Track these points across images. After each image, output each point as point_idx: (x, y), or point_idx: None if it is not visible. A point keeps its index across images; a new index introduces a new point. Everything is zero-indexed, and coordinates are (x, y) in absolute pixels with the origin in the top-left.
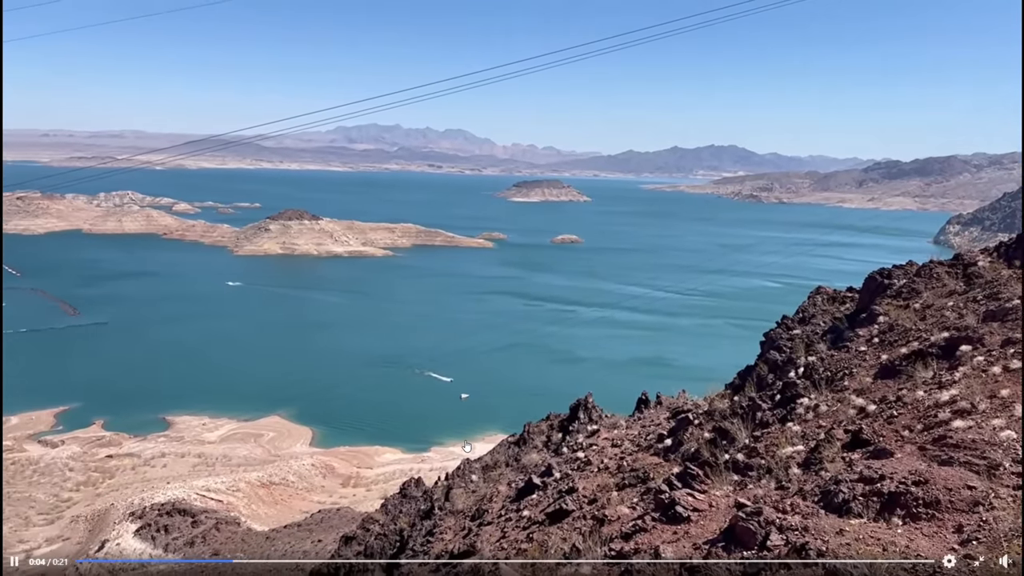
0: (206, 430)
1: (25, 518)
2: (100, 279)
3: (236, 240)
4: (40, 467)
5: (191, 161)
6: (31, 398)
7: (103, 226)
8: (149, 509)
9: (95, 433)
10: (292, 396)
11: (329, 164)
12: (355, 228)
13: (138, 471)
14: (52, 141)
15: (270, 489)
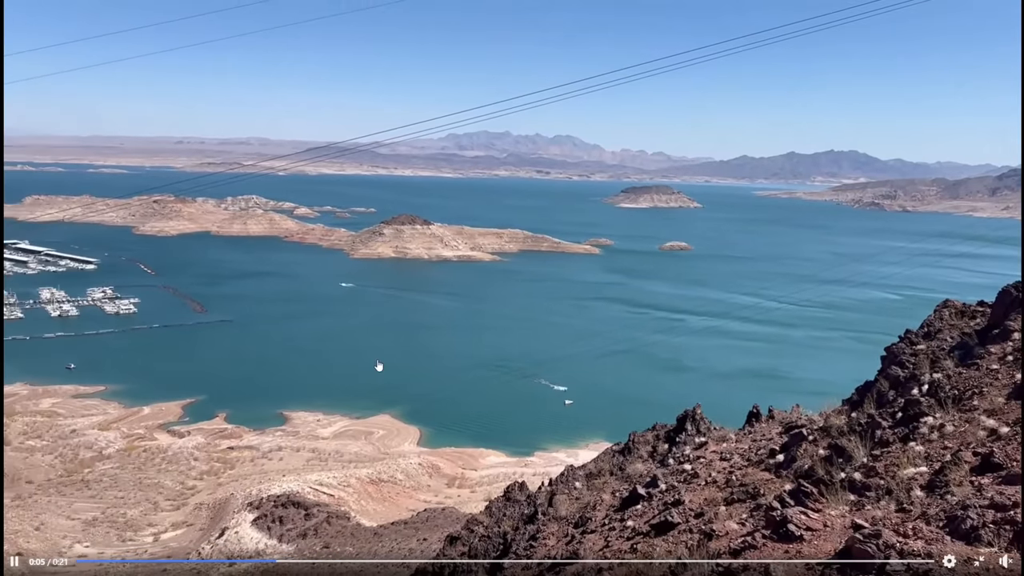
0: (320, 426)
1: (154, 503)
2: (225, 278)
3: (352, 243)
4: (168, 455)
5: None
6: (162, 390)
7: (230, 228)
8: (266, 500)
9: (218, 425)
10: (401, 396)
11: (440, 170)
12: (464, 233)
13: (256, 463)
14: (185, 147)
15: (379, 486)
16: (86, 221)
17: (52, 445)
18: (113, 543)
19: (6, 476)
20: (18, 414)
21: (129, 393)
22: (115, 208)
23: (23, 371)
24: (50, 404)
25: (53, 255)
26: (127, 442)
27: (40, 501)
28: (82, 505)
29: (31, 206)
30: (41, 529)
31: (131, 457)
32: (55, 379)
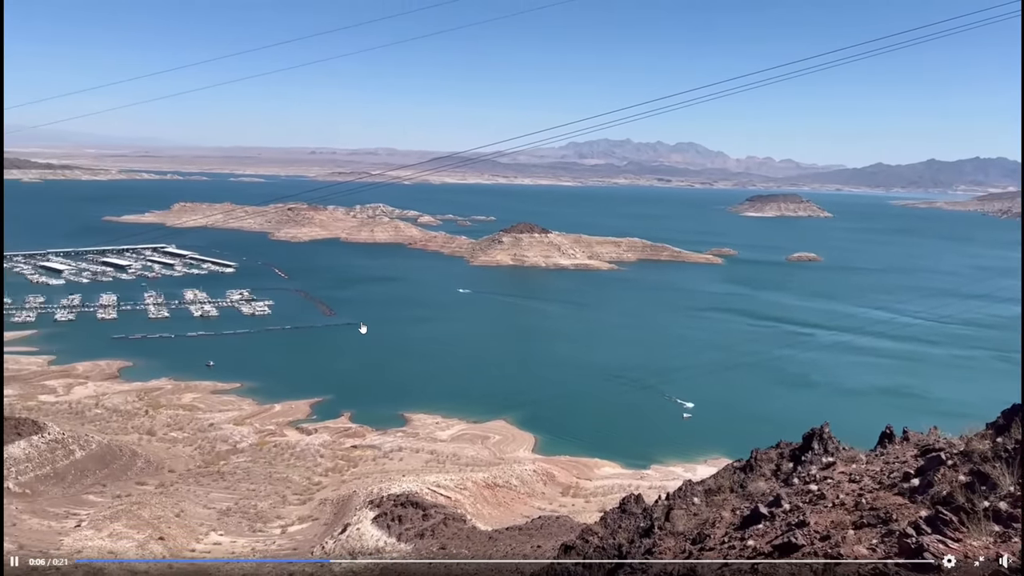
0: (438, 429)
1: (282, 496)
2: (352, 283)
3: (472, 251)
4: (296, 451)
5: (435, 176)
6: (292, 389)
7: (357, 235)
8: (386, 499)
9: (343, 424)
10: (517, 402)
11: (560, 179)
12: (582, 242)
13: (378, 462)
14: (318, 158)
15: (494, 490)
16: (226, 227)
17: (192, 437)
18: (244, 533)
19: (152, 463)
20: (163, 407)
21: (262, 391)
22: (253, 215)
23: (168, 367)
24: (191, 399)
25: (197, 258)
26: (259, 437)
27: (180, 489)
28: (217, 495)
29: (178, 212)
30: (181, 516)
31: (262, 452)
32: (196, 375)
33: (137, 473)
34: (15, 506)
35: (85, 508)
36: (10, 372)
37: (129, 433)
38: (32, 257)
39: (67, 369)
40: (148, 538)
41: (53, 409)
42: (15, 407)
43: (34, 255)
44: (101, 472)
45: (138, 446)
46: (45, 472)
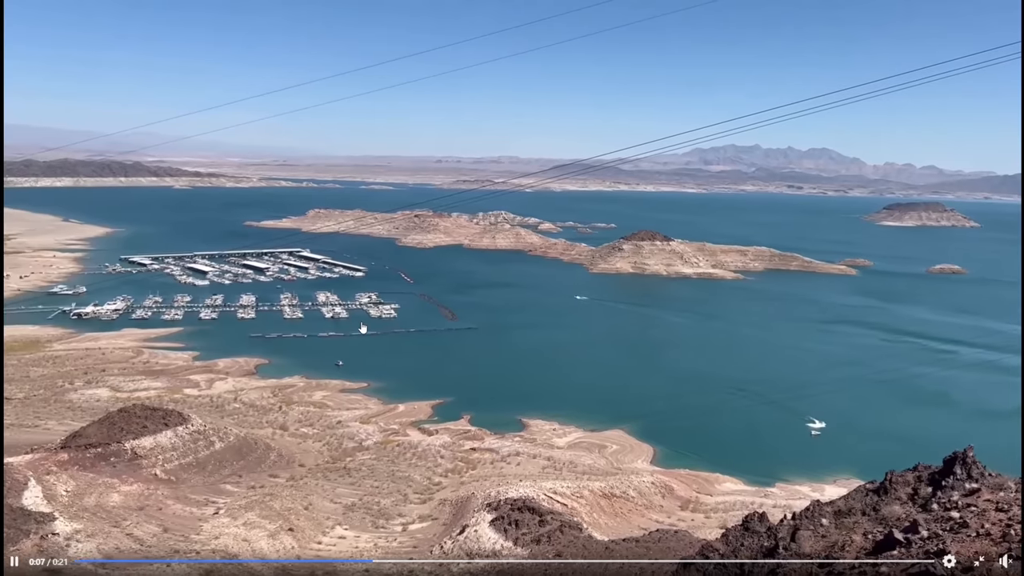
0: (556, 435)
1: (404, 495)
2: (473, 288)
3: (592, 258)
4: (418, 451)
5: (556, 184)
6: (415, 390)
7: (479, 242)
8: (503, 503)
9: (463, 427)
10: (635, 412)
11: (684, 186)
12: (705, 250)
13: (495, 466)
14: (443, 166)
15: (611, 500)
16: (357, 233)
17: (321, 433)
18: (368, 529)
19: (283, 457)
20: (295, 403)
21: (387, 391)
22: (381, 221)
23: (301, 365)
24: (321, 396)
25: (329, 262)
26: (383, 436)
27: (309, 483)
28: (343, 491)
29: (313, 219)
30: (309, 509)
31: (386, 450)
32: (326, 374)
33: (270, 466)
34: (161, 491)
35: (223, 497)
36: (159, 366)
37: (264, 427)
38: (181, 259)
39: (209, 365)
40: (279, 528)
41: (196, 402)
42: (163, 399)
43: (183, 257)
44: (237, 463)
45: (272, 440)
46: (188, 461)
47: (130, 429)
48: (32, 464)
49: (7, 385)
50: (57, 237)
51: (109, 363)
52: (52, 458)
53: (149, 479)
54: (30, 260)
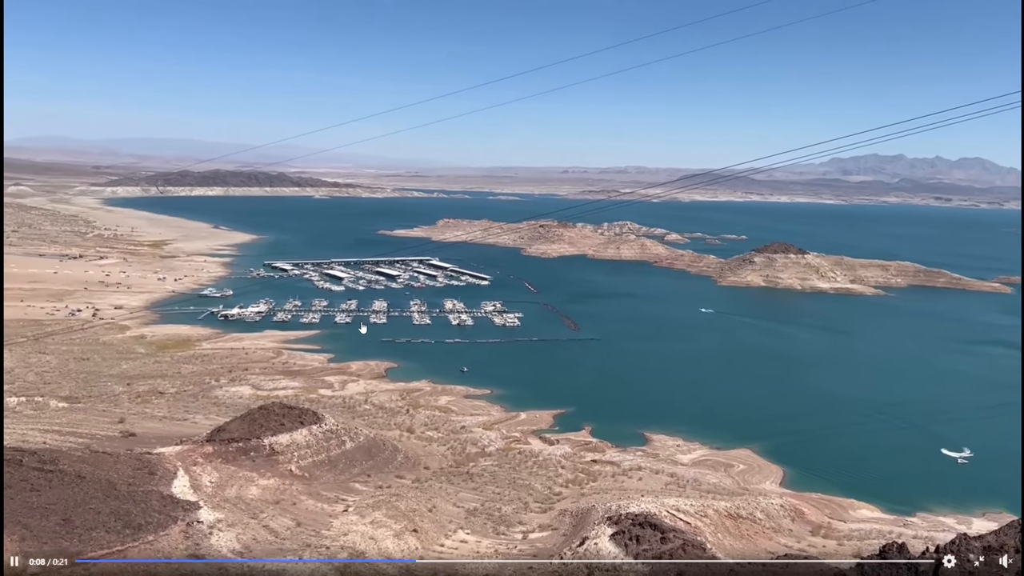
0: (679, 451)
1: (525, 503)
2: (596, 299)
3: (720, 271)
4: (539, 460)
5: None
6: (536, 398)
7: (604, 253)
8: (624, 517)
9: (583, 438)
10: (763, 431)
11: (820, 197)
12: (843, 264)
13: (616, 479)
14: (569, 176)
15: (737, 521)
16: (484, 242)
17: (445, 437)
18: (489, 534)
19: (410, 459)
20: (421, 407)
21: (509, 398)
22: (507, 231)
23: (428, 370)
24: (446, 401)
25: (456, 271)
26: (505, 443)
27: (433, 486)
28: (466, 495)
29: (442, 228)
30: (433, 511)
31: (507, 457)
32: (451, 379)
33: (397, 467)
34: (295, 487)
35: (352, 495)
36: (297, 367)
37: (391, 429)
38: (319, 265)
39: (343, 367)
40: (404, 529)
41: (329, 402)
42: (300, 398)
43: (320, 264)
44: (366, 463)
45: (399, 442)
46: (321, 459)
47: (269, 426)
48: (181, 455)
49: (161, 379)
50: (208, 243)
51: (251, 362)
52: (198, 450)
53: (285, 474)
54: (184, 264)
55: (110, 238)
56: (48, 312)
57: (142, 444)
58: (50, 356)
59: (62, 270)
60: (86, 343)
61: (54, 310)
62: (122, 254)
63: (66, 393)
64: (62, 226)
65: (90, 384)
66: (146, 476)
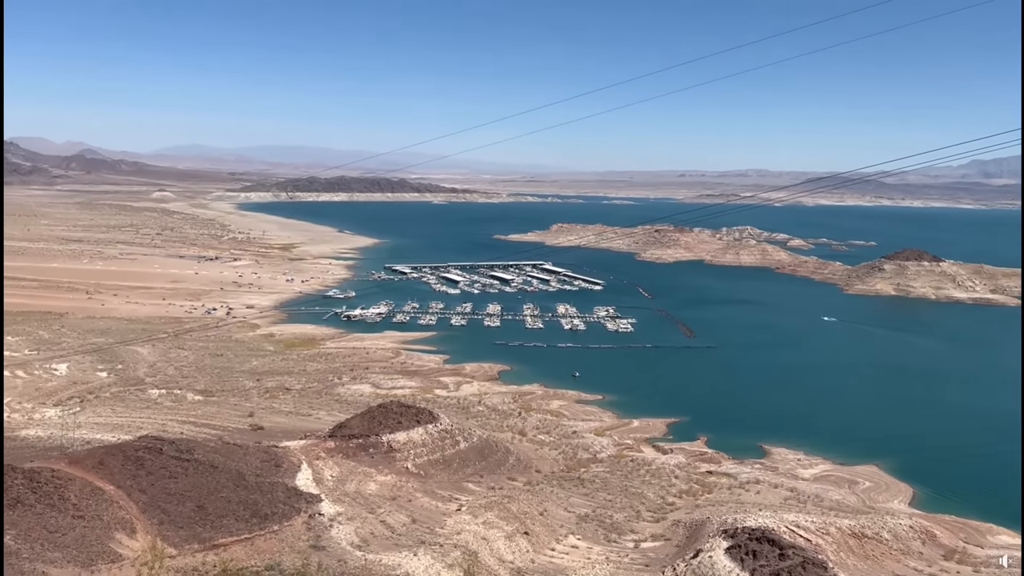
0: (800, 466)
1: (637, 511)
2: (713, 305)
3: (847, 278)
4: (652, 469)
5: (808, 198)
6: (649, 406)
7: (722, 258)
8: (741, 531)
9: (698, 448)
10: (890, 447)
11: (958, 201)
12: (983, 273)
13: (733, 492)
14: (686, 180)
15: (861, 541)
16: (597, 247)
17: (557, 442)
18: (600, 541)
19: (521, 462)
20: (533, 410)
21: (621, 405)
22: (622, 236)
23: (540, 374)
24: (558, 405)
25: (569, 275)
26: (617, 450)
27: (545, 490)
28: (577, 500)
29: (556, 233)
30: (544, 515)
31: (619, 464)
32: (563, 384)
33: (509, 469)
34: (411, 484)
35: (465, 494)
36: (414, 367)
37: (504, 431)
38: (436, 269)
39: (457, 368)
40: (515, 531)
41: (444, 402)
42: (416, 398)
43: (438, 267)
44: (479, 464)
45: (511, 444)
46: (436, 458)
47: (387, 424)
48: (305, 449)
49: (288, 376)
50: (333, 246)
51: (372, 362)
52: (321, 445)
53: (401, 471)
54: (310, 266)
55: (243, 241)
56: (187, 310)
57: (269, 437)
58: (188, 352)
59: (200, 271)
60: (220, 340)
61: (192, 308)
62: (254, 256)
63: (201, 387)
64: (200, 229)
65: (223, 379)
66: (273, 468)
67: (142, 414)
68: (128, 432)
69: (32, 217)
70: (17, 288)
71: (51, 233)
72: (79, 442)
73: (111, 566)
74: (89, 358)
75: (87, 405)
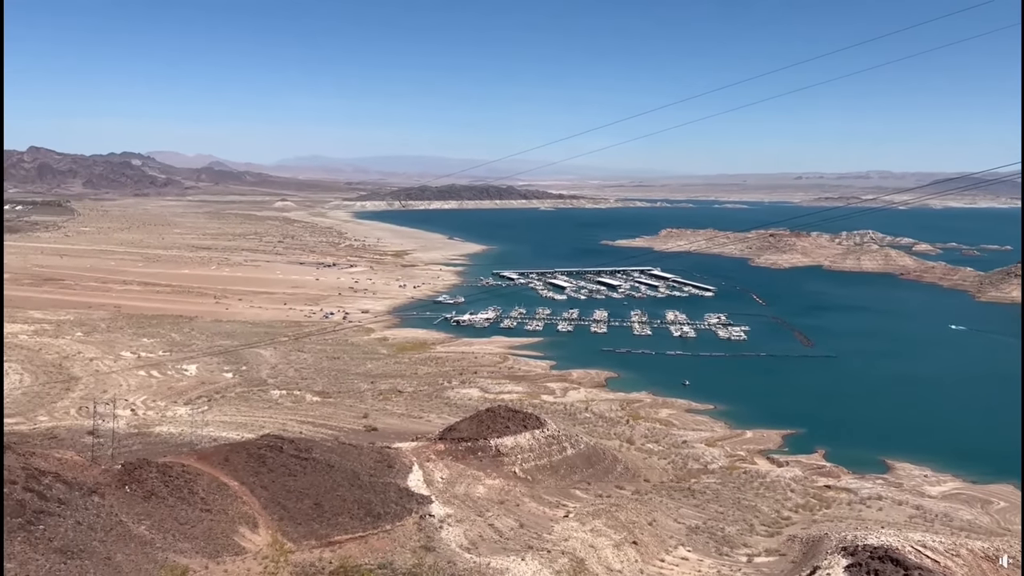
0: (927, 483)
1: (750, 525)
2: (832, 313)
3: (979, 284)
4: (766, 481)
5: (936, 200)
6: (763, 417)
7: (842, 264)
8: (861, 549)
9: (815, 461)
10: None
11: None
12: None
13: (853, 507)
14: (803, 183)
15: (995, 565)
16: (708, 252)
17: (666, 451)
18: (711, 554)
19: (629, 470)
20: (641, 418)
21: (734, 415)
22: (734, 241)
23: (648, 381)
24: (667, 414)
25: (679, 281)
26: (729, 461)
27: (653, 499)
28: (687, 512)
29: (664, 238)
30: (653, 525)
31: (731, 476)
32: (672, 392)
33: (616, 477)
34: (518, 488)
35: (572, 501)
36: (521, 372)
37: (611, 439)
38: (543, 275)
39: (564, 374)
40: (623, 540)
41: (551, 408)
42: (523, 403)
43: (544, 273)
44: (586, 471)
45: (618, 452)
46: (543, 463)
47: (495, 428)
48: (416, 451)
49: (400, 379)
50: (443, 253)
51: (480, 366)
52: (431, 447)
53: (509, 476)
54: (422, 272)
55: (359, 248)
56: (306, 315)
57: (382, 438)
58: (307, 354)
59: (319, 277)
60: (337, 343)
61: (311, 313)
62: (369, 263)
63: (319, 388)
64: (319, 237)
65: (339, 381)
66: (385, 468)
67: (264, 413)
68: (251, 430)
69: (166, 226)
70: (153, 293)
71: (183, 241)
72: (206, 439)
73: (235, 558)
74: (216, 359)
75: (214, 404)
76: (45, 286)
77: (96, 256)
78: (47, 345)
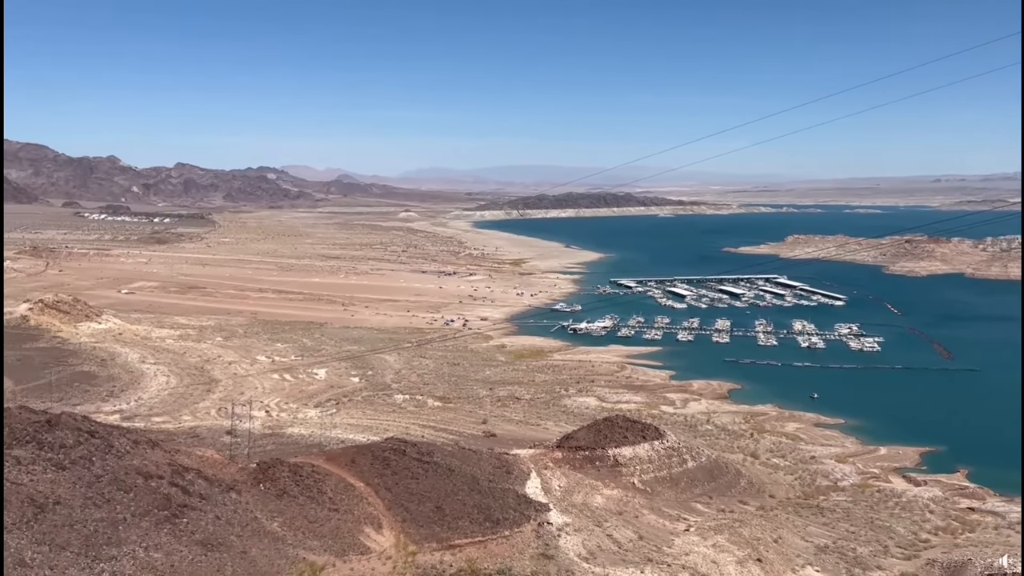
0: None
1: (884, 546)
2: (975, 323)
3: None
4: (901, 501)
5: None
6: (898, 432)
7: (986, 271)
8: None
9: (957, 481)
10: None
11: None
12: None
13: (1000, 532)
14: (942, 186)
15: None
16: (838, 259)
17: (792, 466)
18: (841, 574)
19: (753, 485)
20: (766, 432)
21: (866, 430)
22: (867, 248)
23: (773, 394)
24: (793, 428)
25: (807, 290)
26: (861, 479)
27: (779, 516)
28: (815, 530)
29: (791, 244)
30: (778, 543)
31: (864, 494)
32: (800, 405)
33: (739, 492)
34: (637, 500)
35: (693, 515)
36: (639, 382)
37: (734, 452)
38: (662, 283)
39: (684, 385)
40: (747, 557)
41: (670, 419)
42: (641, 413)
43: (663, 281)
44: (708, 484)
45: (742, 466)
46: (662, 475)
47: (612, 437)
48: (534, 458)
49: (518, 386)
50: (560, 261)
51: (597, 375)
52: (549, 455)
53: (627, 487)
54: (539, 281)
55: (478, 257)
56: (428, 322)
57: (501, 444)
58: (429, 360)
59: (441, 285)
60: (457, 350)
61: (432, 320)
62: (487, 271)
63: (440, 394)
64: (440, 246)
65: (459, 387)
66: (504, 475)
67: (388, 417)
68: (376, 433)
69: (298, 237)
70: (286, 300)
71: (314, 251)
72: (334, 440)
73: (360, 558)
74: (344, 364)
75: (342, 407)
76: (189, 293)
77: (235, 265)
78: (191, 349)
